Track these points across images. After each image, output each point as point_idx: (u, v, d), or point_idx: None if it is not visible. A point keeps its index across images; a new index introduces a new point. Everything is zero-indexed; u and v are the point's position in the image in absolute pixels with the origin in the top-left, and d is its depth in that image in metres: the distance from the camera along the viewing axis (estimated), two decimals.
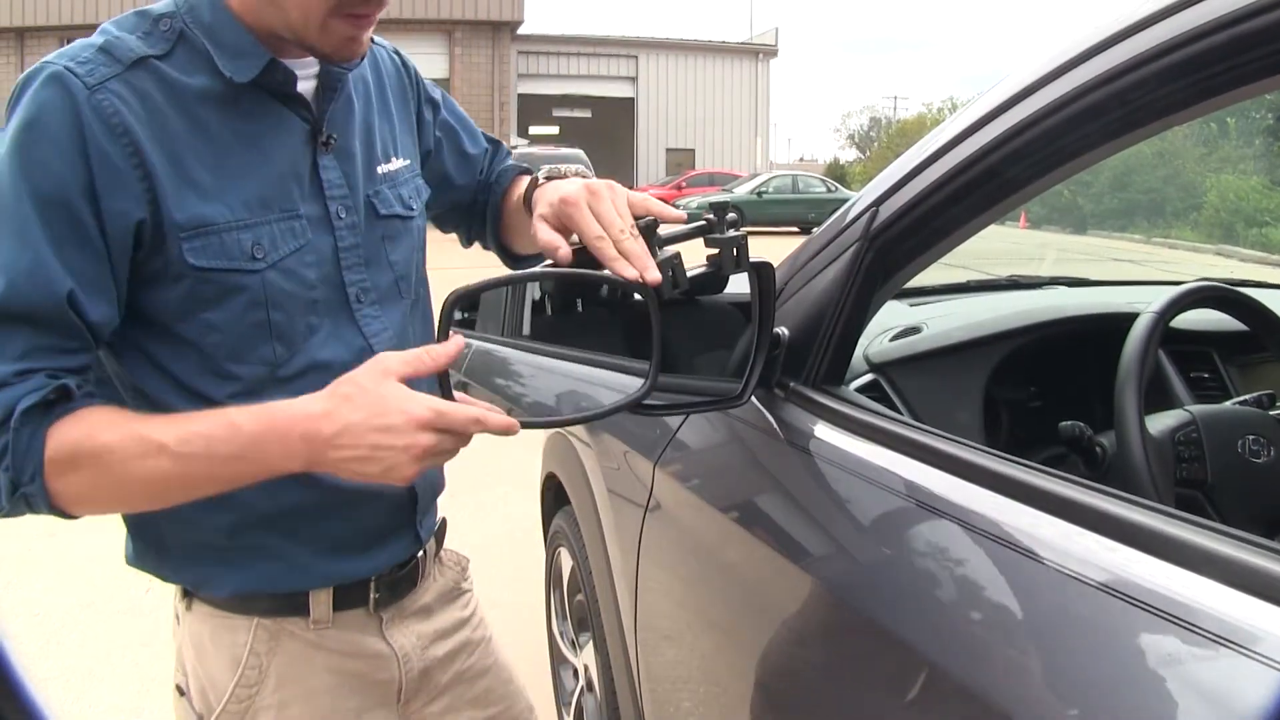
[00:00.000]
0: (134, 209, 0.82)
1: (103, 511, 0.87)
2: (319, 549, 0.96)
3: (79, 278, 0.81)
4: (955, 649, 0.73)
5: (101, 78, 0.82)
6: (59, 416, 0.80)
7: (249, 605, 0.97)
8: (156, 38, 0.86)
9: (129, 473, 0.80)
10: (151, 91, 0.83)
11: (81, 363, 0.83)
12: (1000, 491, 0.76)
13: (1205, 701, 0.55)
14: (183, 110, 0.85)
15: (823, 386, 1.06)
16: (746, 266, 0.92)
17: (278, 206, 0.89)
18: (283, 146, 0.90)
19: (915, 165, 0.97)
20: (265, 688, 0.97)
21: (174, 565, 0.97)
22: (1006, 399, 1.40)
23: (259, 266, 0.87)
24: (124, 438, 0.80)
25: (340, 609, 0.99)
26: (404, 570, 1.05)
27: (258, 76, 0.87)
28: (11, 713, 0.41)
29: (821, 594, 0.94)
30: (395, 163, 1.02)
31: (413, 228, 1.03)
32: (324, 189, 0.93)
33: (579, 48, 28.06)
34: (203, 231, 0.85)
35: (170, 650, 1.07)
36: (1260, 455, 1.13)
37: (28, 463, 0.79)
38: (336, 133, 0.94)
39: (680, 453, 1.30)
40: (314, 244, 0.91)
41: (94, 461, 0.80)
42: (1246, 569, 0.55)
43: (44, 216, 0.79)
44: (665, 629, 1.35)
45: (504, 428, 0.82)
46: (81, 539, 3.60)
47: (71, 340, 0.82)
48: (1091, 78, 0.77)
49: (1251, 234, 3.50)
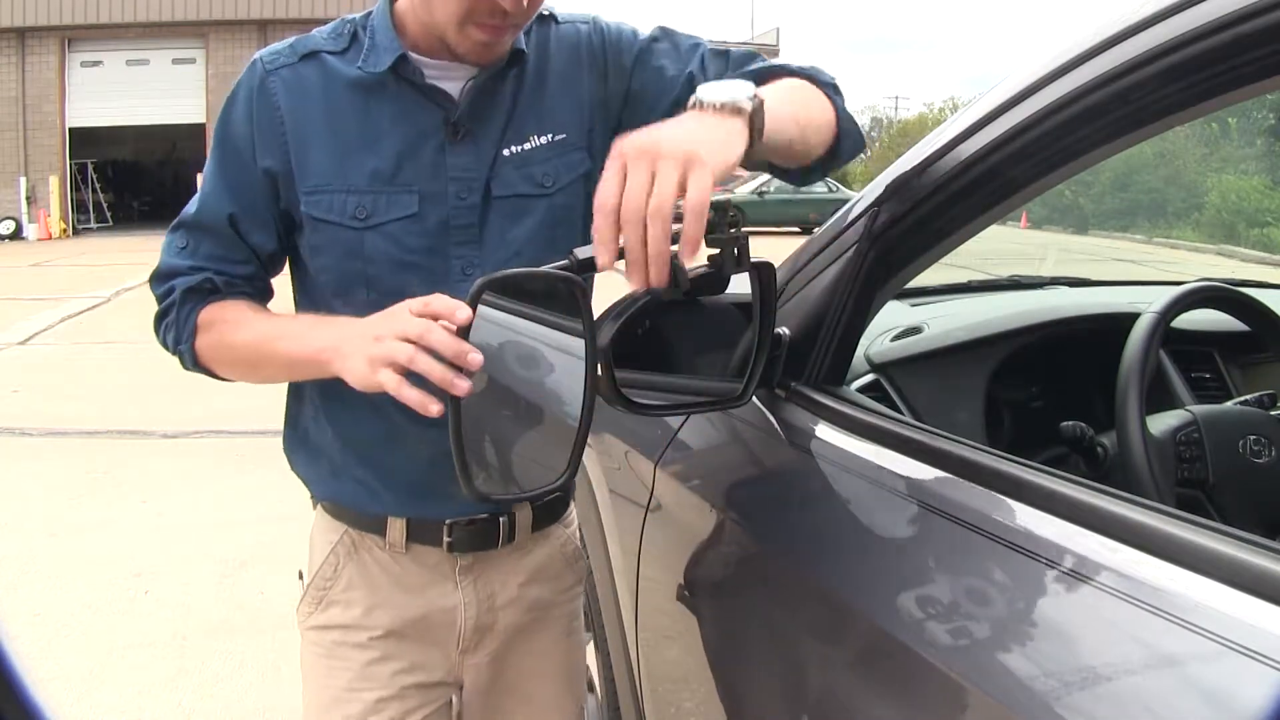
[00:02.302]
0: (275, 162, 1.05)
1: (225, 372, 1.11)
2: (391, 481, 1.12)
3: (241, 206, 1.07)
4: (956, 649, 0.73)
5: (276, 65, 1.06)
6: (212, 301, 1.09)
7: (341, 514, 1.17)
8: (338, 37, 1.08)
9: (233, 338, 1.06)
10: (312, 77, 1.06)
11: (246, 272, 1.10)
12: (1002, 492, 0.76)
13: (1205, 701, 0.55)
14: (331, 93, 1.05)
15: (824, 387, 1.06)
16: (748, 266, 0.92)
17: (393, 180, 1.05)
18: (410, 130, 1.05)
19: (916, 165, 0.97)
20: (338, 584, 1.16)
21: (301, 459, 1.19)
22: (1008, 399, 1.40)
23: (358, 225, 1.05)
24: (237, 316, 1.07)
25: (415, 541, 1.14)
26: (478, 526, 1.14)
27: (391, 68, 1.03)
28: (12, 713, 0.41)
29: (823, 594, 0.94)
30: (534, 140, 1.09)
31: (543, 205, 1.09)
32: (448, 171, 1.06)
33: None
34: (318, 189, 1.05)
35: (173, 650, 1.10)
36: (1261, 455, 1.13)
37: (184, 329, 1.09)
38: (475, 123, 1.07)
39: (681, 453, 1.30)
40: (422, 215, 1.05)
41: (216, 329, 1.08)
42: (1247, 569, 0.55)
43: (224, 158, 1.08)
44: (666, 629, 1.35)
45: (448, 312, 0.85)
46: (82, 540, 3.61)
47: (238, 253, 1.09)
48: (1092, 78, 0.77)
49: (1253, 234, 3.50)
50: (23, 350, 7.76)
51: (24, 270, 13.98)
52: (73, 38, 20.57)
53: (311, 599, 1.18)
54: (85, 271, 13.09)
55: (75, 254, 16.01)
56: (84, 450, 4.76)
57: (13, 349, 7.78)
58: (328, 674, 1.17)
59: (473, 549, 1.15)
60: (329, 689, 1.16)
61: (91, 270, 13.09)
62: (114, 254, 14.42)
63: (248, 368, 1.10)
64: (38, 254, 16.22)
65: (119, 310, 9.46)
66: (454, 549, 1.14)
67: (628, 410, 0.97)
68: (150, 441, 4.83)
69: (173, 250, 1.11)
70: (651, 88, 1.10)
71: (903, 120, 42.02)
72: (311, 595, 1.18)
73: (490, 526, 1.15)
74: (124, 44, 20.52)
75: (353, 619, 1.15)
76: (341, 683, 1.16)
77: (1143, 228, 4.29)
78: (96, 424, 5.20)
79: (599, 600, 1.62)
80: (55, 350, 7.74)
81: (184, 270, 1.09)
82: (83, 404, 5.65)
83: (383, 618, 1.15)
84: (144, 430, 4.89)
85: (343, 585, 1.16)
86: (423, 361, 0.85)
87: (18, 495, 4.11)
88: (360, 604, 1.15)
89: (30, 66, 20.35)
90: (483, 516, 1.14)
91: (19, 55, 20.26)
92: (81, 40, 20.62)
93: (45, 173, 20.18)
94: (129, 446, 4.78)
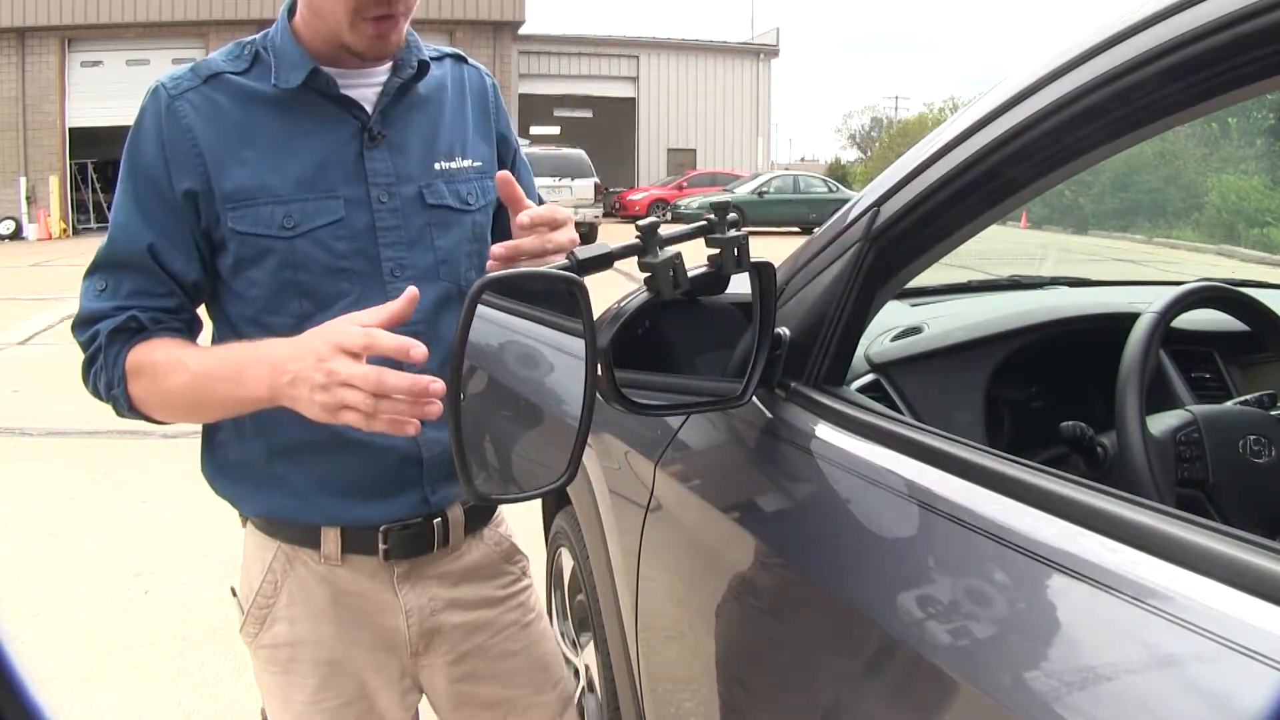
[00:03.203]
0: (193, 183, 1.05)
1: (162, 416, 1.09)
2: (325, 488, 1.11)
3: (160, 234, 1.06)
4: (956, 649, 0.73)
5: (181, 90, 1.07)
6: (139, 341, 1.06)
7: (274, 530, 1.16)
8: (239, 58, 1.10)
9: (166, 383, 1.04)
10: (219, 98, 1.07)
11: (171, 304, 1.08)
12: (1002, 492, 0.75)
13: (1205, 701, 0.55)
14: (244, 111, 1.07)
15: (824, 386, 1.06)
16: (747, 266, 0.92)
17: (316, 187, 1.07)
18: (328, 138, 1.09)
19: (916, 165, 0.97)
20: (279, 602, 1.16)
21: (224, 480, 1.17)
22: (1008, 399, 1.40)
23: (287, 235, 1.06)
24: (167, 358, 1.04)
25: (350, 551, 1.14)
26: (413, 530, 1.14)
27: (304, 82, 1.06)
28: (12, 713, 0.41)
29: (822, 594, 0.94)
30: (460, 162, 1.16)
31: (467, 220, 1.16)
32: (367, 176, 1.09)
33: (580, 48, 28.04)
34: (242, 203, 1.06)
35: (173, 650, 1.11)
36: (1261, 455, 1.13)
37: (115, 373, 1.06)
38: (391, 130, 1.11)
39: (681, 453, 1.30)
40: (349, 220, 1.08)
41: (148, 372, 1.05)
42: (1247, 569, 0.55)
43: (136, 188, 1.07)
44: (666, 629, 1.35)
45: (400, 351, 0.87)
46: (82, 540, 3.61)
47: (160, 285, 1.07)
48: (1093, 78, 0.77)
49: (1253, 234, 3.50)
50: (23, 350, 7.77)
51: (24, 270, 13.99)
52: (73, 38, 20.58)
53: (255, 619, 1.18)
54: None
55: (75, 254, 15.97)
56: (84, 450, 4.76)
57: (13, 349, 7.78)
58: (287, 690, 1.18)
59: (408, 555, 1.15)
60: (291, 703, 1.18)
61: None
62: None
63: (186, 410, 1.08)
64: (38, 254, 16.23)
65: None
66: (390, 556, 1.14)
67: (628, 410, 0.97)
68: (150, 441, 4.82)
69: (92, 294, 1.09)
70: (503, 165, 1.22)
71: (902, 120, 42.00)
72: (254, 615, 1.18)
73: (425, 530, 1.15)
74: (124, 44, 20.53)
75: (300, 635, 1.16)
76: (303, 697, 1.17)
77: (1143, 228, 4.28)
78: (96, 424, 5.17)
79: (599, 600, 1.62)
80: (55, 350, 7.72)
81: (107, 312, 1.07)
82: (83, 404, 5.58)
83: (329, 630, 1.15)
84: (144, 430, 4.86)
85: (284, 602, 1.16)
86: (386, 410, 0.87)
87: (18, 495, 4.12)
88: (304, 619, 1.16)
89: (30, 66, 20.36)
90: (417, 520, 1.14)
91: (19, 55, 20.27)
92: (81, 40, 20.63)
93: (45, 173, 20.20)
94: (129, 446, 4.78)
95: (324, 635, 1.15)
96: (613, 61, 28.46)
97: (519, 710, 1.26)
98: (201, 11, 20.19)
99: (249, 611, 1.18)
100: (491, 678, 1.23)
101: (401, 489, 1.13)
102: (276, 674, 1.18)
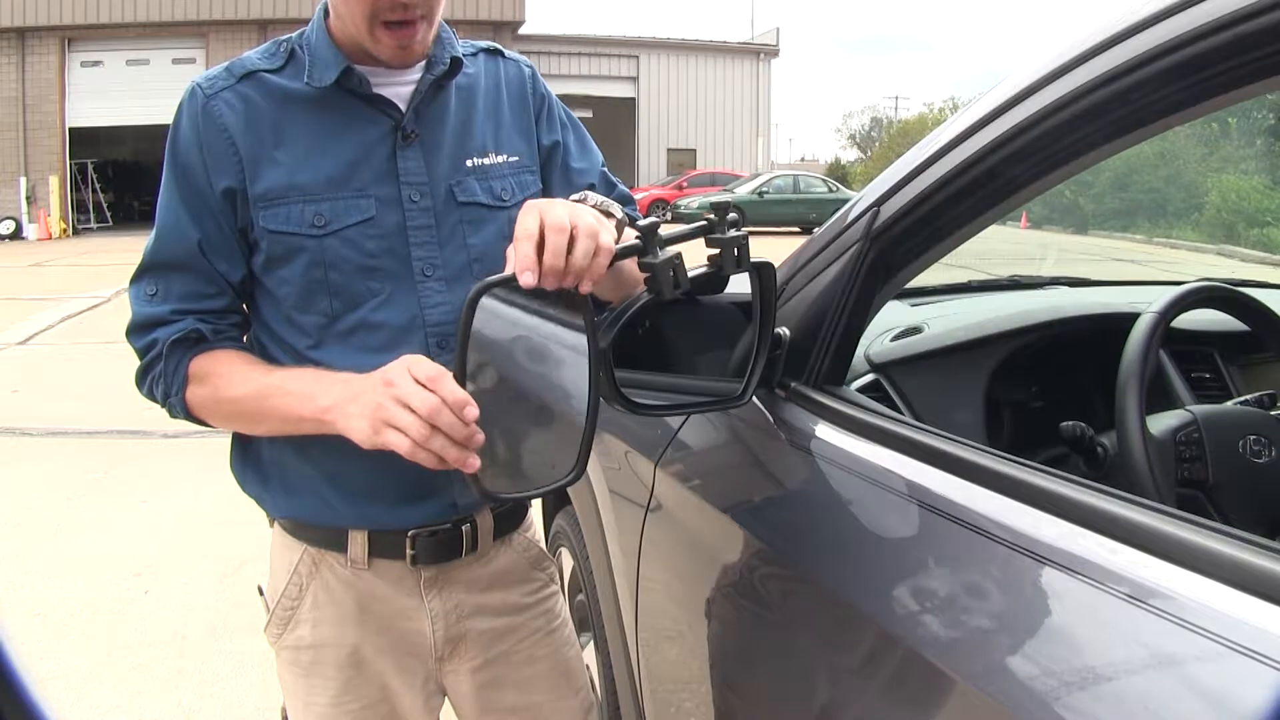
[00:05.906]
0: (231, 181, 1.06)
1: (216, 423, 1.11)
2: (351, 493, 1.11)
3: (205, 232, 1.07)
4: (956, 649, 0.73)
5: (216, 89, 1.08)
6: (200, 351, 1.08)
7: (301, 532, 1.16)
8: (274, 56, 1.11)
9: (230, 394, 1.06)
10: (254, 96, 1.08)
11: (222, 305, 1.10)
12: (1002, 492, 0.76)
13: (1205, 701, 0.55)
14: (278, 109, 1.08)
15: (824, 386, 1.06)
16: (747, 266, 0.92)
17: (348, 186, 1.07)
18: (360, 138, 1.09)
19: (916, 165, 0.97)
20: (304, 604, 1.16)
21: (253, 480, 1.17)
22: (1008, 399, 1.40)
23: (317, 233, 1.06)
24: (229, 370, 1.07)
25: (377, 556, 1.13)
26: (440, 535, 1.13)
27: (337, 81, 1.07)
28: (12, 713, 0.41)
29: (822, 593, 0.94)
30: (493, 158, 1.15)
31: (502, 217, 1.13)
32: (399, 175, 1.09)
33: (580, 48, 28.04)
34: (274, 201, 1.06)
35: (172, 649, 1.11)
36: (1261, 455, 1.13)
37: (174, 382, 1.08)
38: (424, 128, 1.10)
39: (681, 453, 1.30)
40: (379, 219, 1.08)
41: (210, 382, 1.07)
42: (1247, 569, 0.55)
43: (180, 188, 1.08)
44: (666, 629, 1.35)
45: (458, 405, 0.86)
46: (82, 539, 3.61)
47: (210, 285, 1.09)
48: (1092, 78, 0.77)
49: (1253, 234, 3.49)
50: (23, 350, 7.76)
51: (24, 270, 13.99)
52: (73, 38, 20.57)
53: (279, 620, 1.18)
54: (85, 271, 13.09)
55: (75, 254, 16.01)
56: (84, 450, 4.76)
57: (13, 349, 7.78)
58: (309, 692, 1.17)
59: (435, 561, 1.14)
60: (313, 706, 1.17)
61: (91, 270, 13.09)
62: (114, 254, 14.39)
63: (246, 421, 1.10)
64: (38, 254, 16.23)
65: (119, 310, 9.37)
66: (417, 562, 1.13)
67: (628, 410, 0.97)
68: (150, 441, 4.83)
69: (143, 299, 1.10)
70: (555, 160, 1.20)
71: (902, 120, 41.99)
72: (279, 616, 1.18)
73: (453, 536, 1.14)
74: (124, 44, 20.53)
75: (324, 637, 1.16)
76: (325, 699, 1.16)
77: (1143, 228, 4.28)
78: (96, 424, 5.20)
79: (599, 600, 1.62)
80: (55, 350, 7.73)
81: (164, 318, 1.08)
82: (83, 404, 5.64)
83: (353, 634, 1.15)
84: (144, 430, 4.88)
85: (309, 605, 1.16)
86: (438, 444, 0.87)
87: (18, 495, 4.11)
88: (329, 622, 1.15)
89: (30, 66, 20.35)
90: (445, 526, 1.13)
91: (19, 55, 20.27)
92: (81, 40, 20.63)
93: (45, 173, 20.19)
94: (129, 446, 4.78)
95: (348, 639, 1.15)
96: (612, 61, 28.45)
97: (541, 716, 1.25)
98: (201, 11, 20.18)
99: (274, 612, 1.18)
100: (515, 684, 1.22)
101: (429, 494, 1.12)
102: (299, 676, 1.18)
